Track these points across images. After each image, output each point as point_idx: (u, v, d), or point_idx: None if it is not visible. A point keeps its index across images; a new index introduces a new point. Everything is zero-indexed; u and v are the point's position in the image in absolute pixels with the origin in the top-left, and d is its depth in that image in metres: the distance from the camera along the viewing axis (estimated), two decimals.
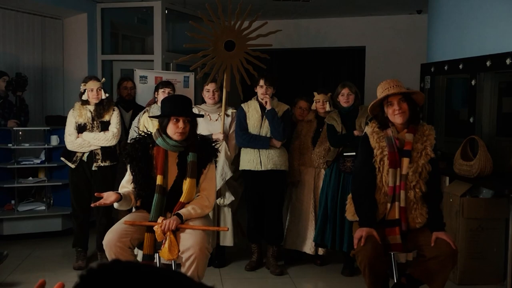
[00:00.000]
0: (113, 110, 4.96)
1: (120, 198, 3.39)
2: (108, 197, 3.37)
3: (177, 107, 3.49)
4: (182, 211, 3.41)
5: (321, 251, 5.02)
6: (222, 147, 4.79)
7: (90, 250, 5.20)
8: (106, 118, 4.91)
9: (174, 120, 3.45)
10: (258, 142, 4.78)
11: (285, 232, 5.11)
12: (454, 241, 3.33)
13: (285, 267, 5.05)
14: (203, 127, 4.67)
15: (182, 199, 3.47)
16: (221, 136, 4.81)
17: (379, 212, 3.48)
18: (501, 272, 4.57)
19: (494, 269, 4.59)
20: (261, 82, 4.81)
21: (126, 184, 3.63)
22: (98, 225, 5.01)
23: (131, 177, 3.57)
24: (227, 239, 4.96)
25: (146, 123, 4.85)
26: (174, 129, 3.45)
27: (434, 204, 3.47)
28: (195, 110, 4.69)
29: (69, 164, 4.94)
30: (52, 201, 6.13)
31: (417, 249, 3.44)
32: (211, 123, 4.90)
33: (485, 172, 4.45)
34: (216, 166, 3.68)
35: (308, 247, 5.02)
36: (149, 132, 3.63)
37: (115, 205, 3.46)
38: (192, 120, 3.55)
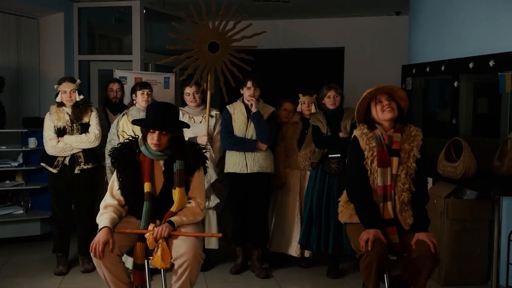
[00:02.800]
0: (91, 111, 4.90)
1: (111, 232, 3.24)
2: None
3: (154, 119, 3.38)
4: (174, 218, 3.32)
5: (306, 253, 5.01)
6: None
7: (71, 254, 5.09)
8: (85, 120, 4.85)
9: (151, 130, 3.36)
10: (243, 145, 4.74)
11: (270, 235, 5.08)
12: (435, 242, 3.30)
13: (270, 270, 5.02)
14: (188, 130, 4.59)
15: (173, 208, 3.37)
16: (205, 139, 4.75)
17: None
18: (485, 273, 4.63)
19: (478, 270, 4.64)
20: (249, 84, 4.77)
21: (110, 200, 3.41)
22: (81, 229, 4.91)
23: (113, 191, 3.43)
24: (212, 242, 4.90)
25: (125, 127, 4.76)
26: (150, 140, 3.36)
27: (419, 205, 3.45)
28: (180, 114, 4.58)
29: (50, 169, 4.83)
30: (30, 205, 6.00)
31: (405, 251, 3.44)
32: (196, 125, 4.83)
33: (469, 174, 4.48)
34: (204, 172, 3.61)
35: (294, 250, 5.00)
36: (136, 137, 3.52)
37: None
38: (173, 132, 3.42)
